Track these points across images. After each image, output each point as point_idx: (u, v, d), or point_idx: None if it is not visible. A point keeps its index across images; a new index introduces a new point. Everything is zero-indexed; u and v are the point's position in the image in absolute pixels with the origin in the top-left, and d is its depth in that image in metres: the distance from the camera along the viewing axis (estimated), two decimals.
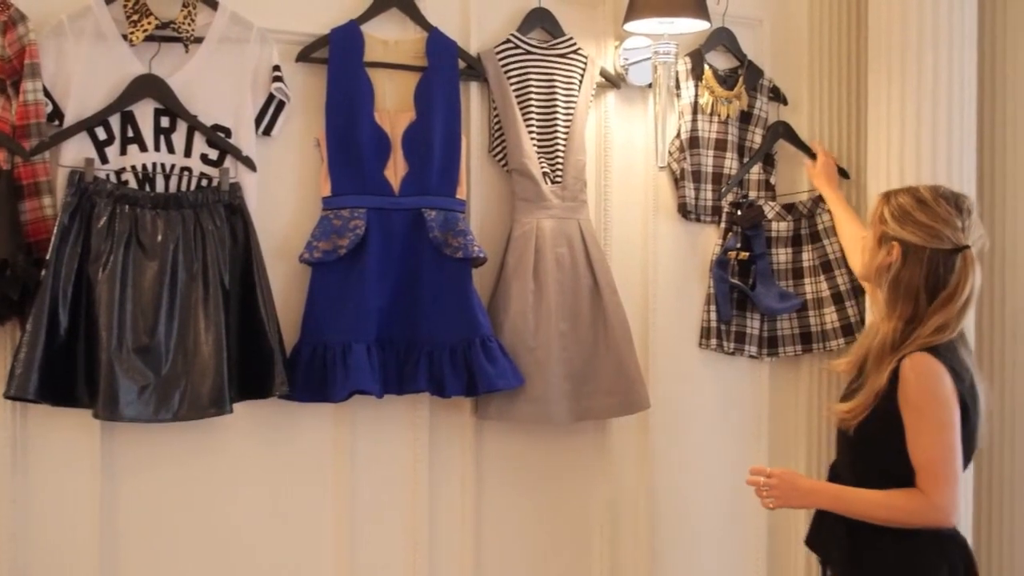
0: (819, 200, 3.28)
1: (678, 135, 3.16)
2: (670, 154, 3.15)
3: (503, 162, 2.88)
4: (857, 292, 3.25)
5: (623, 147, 3.11)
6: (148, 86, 2.45)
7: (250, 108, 2.56)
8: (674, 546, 3.22)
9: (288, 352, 2.59)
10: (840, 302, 3.24)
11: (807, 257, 3.29)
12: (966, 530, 2.81)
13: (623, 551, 3.13)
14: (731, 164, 3.23)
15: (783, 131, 3.28)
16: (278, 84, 2.57)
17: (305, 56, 2.65)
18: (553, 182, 2.88)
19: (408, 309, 2.69)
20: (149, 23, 2.42)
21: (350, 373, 2.58)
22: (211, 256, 2.45)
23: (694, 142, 3.17)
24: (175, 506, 2.55)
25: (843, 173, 3.32)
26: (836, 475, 2.46)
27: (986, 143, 3.26)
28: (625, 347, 2.93)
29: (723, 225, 3.19)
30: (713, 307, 3.18)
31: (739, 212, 3.19)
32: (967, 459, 2.33)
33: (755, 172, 3.27)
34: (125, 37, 2.43)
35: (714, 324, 3.19)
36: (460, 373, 2.67)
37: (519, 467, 2.97)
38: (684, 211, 3.17)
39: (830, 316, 3.25)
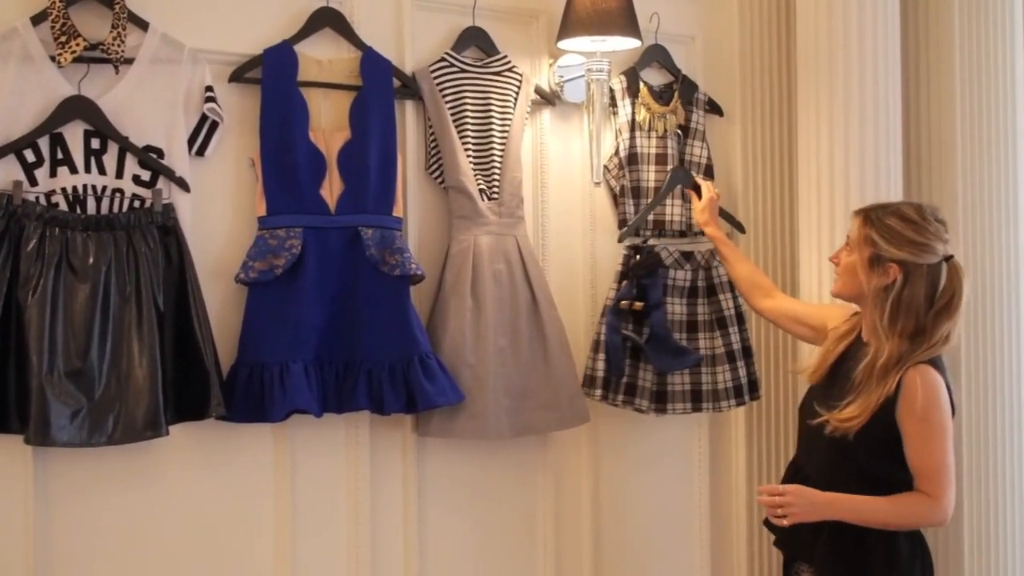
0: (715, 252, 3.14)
1: (616, 152, 3.19)
2: (608, 171, 3.18)
3: (440, 179, 2.89)
4: (748, 352, 3.18)
5: (559, 163, 3.14)
6: (78, 108, 2.43)
7: (183, 128, 2.54)
8: (619, 559, 3.23)
9: (225, 373, 2.57)
10: (733, 361, 3.15)
11: (702, 311, 3.17)
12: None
13: (567, 565, 3.13)
14: None
15: (683, 176, 3.15)
16: (211, 104, 2.56)
17: (238, 76, 2.65)
18: (490, 199, 2.90)
19: (346, 327, 2.69)
20: (78, 44, 2.40)
21: (288, 392, 2.56)
22: (144, 278, 2.43)
23: (633, 159, 3.20)
24: (112, 531, 2.51)
25: (738, 227, 3.29)
26: (800, 473, 2.51)
27: (912, 148, 3.34)
28: (564, 361, 2.95)
29: (619, 269, 3.07)
30: (602, 356, 3.00)
31: (637, 257, 3.08)
32: None
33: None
34: (53, 59, 2.40)
35: (600, 374, 3.00)
36: (399, 390, 2.67)
37: (461, 483, 2.97)
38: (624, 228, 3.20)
39: (723, 375, 3.14)
